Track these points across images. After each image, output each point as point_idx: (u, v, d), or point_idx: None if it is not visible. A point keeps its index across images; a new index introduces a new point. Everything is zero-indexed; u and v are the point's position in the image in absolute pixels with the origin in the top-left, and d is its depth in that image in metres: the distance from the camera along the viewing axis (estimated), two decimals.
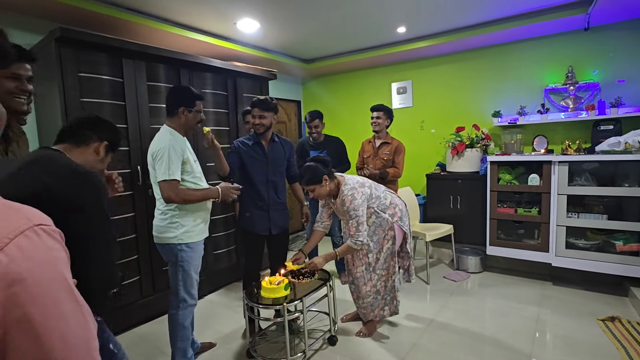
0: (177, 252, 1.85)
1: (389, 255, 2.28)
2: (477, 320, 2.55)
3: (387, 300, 2.35)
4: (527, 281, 3.18)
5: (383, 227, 2.25)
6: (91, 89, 2.38)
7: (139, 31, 2.85)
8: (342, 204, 2.16)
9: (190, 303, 1.93)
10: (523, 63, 3.60)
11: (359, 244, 2.12)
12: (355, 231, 2.10)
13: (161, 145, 1.80)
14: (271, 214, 2.38)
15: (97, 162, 1.20)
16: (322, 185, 2.13)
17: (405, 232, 2.31)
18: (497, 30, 3.30)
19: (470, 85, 3.93)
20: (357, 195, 2.14)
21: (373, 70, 4.56)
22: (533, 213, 3.16)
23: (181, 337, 1.94)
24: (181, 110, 1.90)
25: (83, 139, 1.17)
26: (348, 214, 2.12)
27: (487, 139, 3.63)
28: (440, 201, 3.81)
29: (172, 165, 1.77)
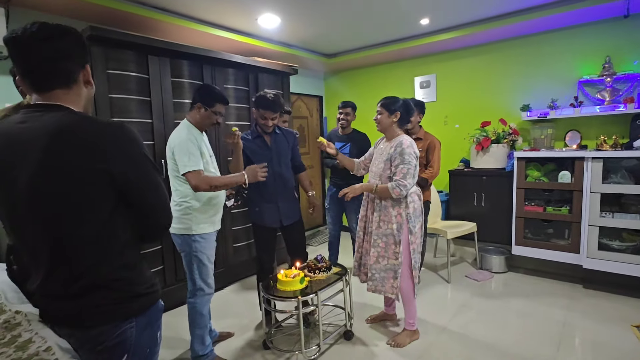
0: (191, 242, 1.92)
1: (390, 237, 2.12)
2: (499, 321, 2.46)
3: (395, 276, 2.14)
4: (555, 283, 3.03)
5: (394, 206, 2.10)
6: (119, 85, 2.48)
7: (164, 28, 2.94)
8: (396, 146, 2.04)
9: (207, 292, 1.99)
10: (555, 54, 3.42)
11: (396, 192, 1.98)
12: (402, 177, 1.97)
13: (179, 139, 1.86)
14: (280, 205, 2.36)
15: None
16: (391, 117, 2.09)
17: (411, 232, 2.08)
18: (526, 19, 3.14)
19: (497, 78, 3.77)
20: (414, 147, 2.06)
21: (395, 64, 4.48)
22: (563, 212, 3.00)
23: (199, 324, 2.00)
24: (198, 105, 1.95)
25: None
26: (401, 157, 1.99)
27: (514, 134, 3.48)
28: (464, 198, 3.70)
29: (192, 156, 1.82)
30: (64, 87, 0.92)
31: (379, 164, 2.15)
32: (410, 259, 2.11)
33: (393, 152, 2.05)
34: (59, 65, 0.90)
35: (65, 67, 0.91)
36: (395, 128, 2.13)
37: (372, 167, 2.23)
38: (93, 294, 0.91)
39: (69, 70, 0.92)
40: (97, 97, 2.37)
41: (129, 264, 0.97)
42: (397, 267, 2.10)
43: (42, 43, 0.87)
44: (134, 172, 0.93)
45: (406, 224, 2.08)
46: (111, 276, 0.93)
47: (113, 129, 0.91)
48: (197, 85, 2.85)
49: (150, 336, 1.03)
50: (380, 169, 2.14)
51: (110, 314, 0.93)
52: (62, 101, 0.91)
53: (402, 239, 2.08)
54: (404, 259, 2.10)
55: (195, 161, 1.82)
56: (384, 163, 2.11)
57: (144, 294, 0.99)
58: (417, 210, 2.14)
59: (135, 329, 0.97)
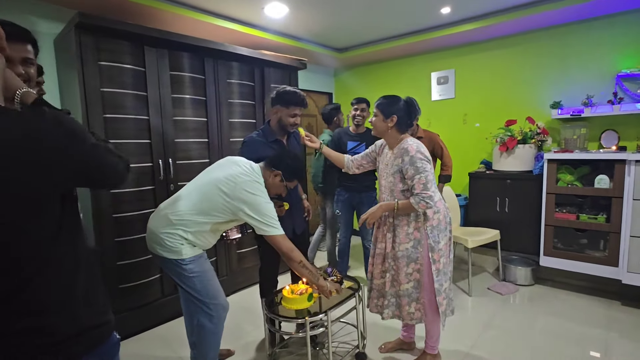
0: (183, 266, 1.72)
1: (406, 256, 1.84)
2: (527, 341, 2.20)
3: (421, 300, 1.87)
4: (589, 299, 2.75)
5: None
6: (112, 78, 2.27)
7: (162, 17, 2.72)
8: (402, 155, 1.77)
9: (219, 309, 1.80)
10: (590, 45, 3.11)
11: (422, 206, 1.71)
12: (423, 189, 1.70)
13: (258, 196, 1.69)
14: (293, 212, 2.18)
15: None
16: (386, 121, 1.81)
17: (432, 248, 1.79)
18: (558, 8, 2.84)
19: (524, 73, 3.47)
20: (423, 150, 1.77)
21: (411, 58, 4.20)
22: (599, 220, 2.71)
23: (214, 345, 1.81)
24: (276, 173, 1.80)
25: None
26: (413, 167, 1.72)
27: (543, 134, 3.19)
28: (485, 203, 3.42)
29: (277, 220, 1.71)
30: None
31: (388, 177, 1.87)
32: (434, 282, 1.80)
33: (401, 163, 1.78)
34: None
35: None
36: (394, 133, 1.84)
37: (380, 180, 1.95)
38: (16, 329, 0.72)
39: None
40: (88, 92, 2.17)
41: (69, 288, 0.77)
42: (410, 292, 1.83)
43: None
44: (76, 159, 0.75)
45: (426, 239, 1.80)
46: (42, 307, 0.74)
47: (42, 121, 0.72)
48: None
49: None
50: (390, 183, 1.86)
51: (41, 356, 0.74)
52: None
53: (420, 258, 1.81)
54: (425, 283, 1.81)
55: (279, 224, 1.68)
56: (393, 177, 1.83)
57: (88, 329, 0.80)
58: (442, 222, 1.83)
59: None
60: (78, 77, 2.13)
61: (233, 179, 1.65)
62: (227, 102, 2.94)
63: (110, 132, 2.27)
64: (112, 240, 2.30)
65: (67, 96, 2.40)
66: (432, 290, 1.82)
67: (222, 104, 2.89)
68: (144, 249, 2.17)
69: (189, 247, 1.67)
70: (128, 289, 2.39)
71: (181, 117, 2.64)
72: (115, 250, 2.32)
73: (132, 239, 2.38)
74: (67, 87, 2.35)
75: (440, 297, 1.81)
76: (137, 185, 2.41)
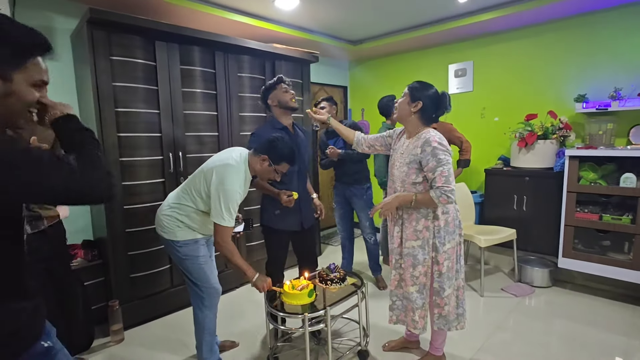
0: (177, 248, 1.84)
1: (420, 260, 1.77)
2: (542, 348, 2.10)
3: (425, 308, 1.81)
4: (611, 303, 2.60)
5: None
6: (123, 72, 2.32)
7: (173, 12, 2.75)
8: (423, 145, 1.67)
9: (211, 293, 1.90)
10: (618, 35, 2.90)
11: (443, 200, 1.61)
12: (445, 182, 1.60)
13: (231, 184, 1.72)
14: (302, 206, 2.17)
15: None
16: (410, 104, 1.72)
17: (437, 249, 1.72)
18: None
19: (546, 65, 3.29)
20: (445, 142, 1.67)
21: (428, 50, 4.07)
22: (624, 222, 2.55)
23: (208, 330, 1.88)
24: (264, 157, 1.80)
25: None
26: (435, 158, 1.63)
27: (566, 129, 3.02)
28: (502, 201, 3.29)
29: (232, 212, 1.73)
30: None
31: (401, 166, 1.77)
32: (433, 282, 1.75)
33: (421, 153, 1.67)
34: None
35: None
36: (415, 120, 1.74)
37: (392, 169, 1.85)
38: None
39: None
40: (100, 86, 2.22)
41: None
42: (414, 297, 1.76)
43: None
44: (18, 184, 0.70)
45: (432, 238, 1.74)
46: None
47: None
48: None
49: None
50: (403, 173, 1.75)
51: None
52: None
53: (428, 259, 1.75)
54: (429, 284, 1.77)
55: (231, 218, 1.70)
56: (407, 166, 1.73)
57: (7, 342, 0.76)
58: (451, 224, 1.74)
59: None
60: (91, 72, 2.19)
61: (214, 163, 1.76)
62: (238, 96, 2.95)
63: (122, 126, 2.33)
64: (122, 231, 2.37)
65: (82, 91, 2.48)
66: (431, 292, 1.77)
67: (233, 97, 2.90)
68: (154, 240, 2.24)
69: (185, 229, 1.79)
70: (138, 278, 2.46)
71: (191, 110, 2.67)
72: (126, 241, 2.39)
73: (143, 230, 2.44)
74: (82, 82, 2.42)
75: (439, 298, 1.75)
76: (148, 178, 2.46)
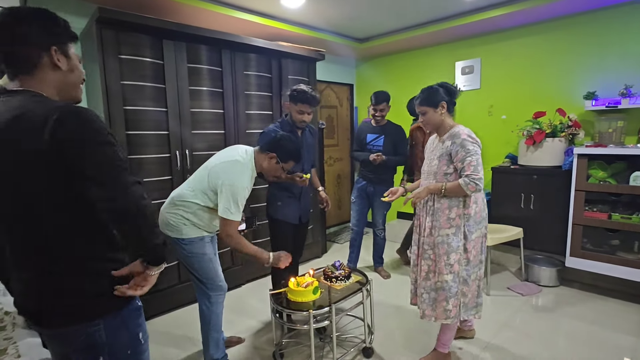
0: (182, 245, 1.85)
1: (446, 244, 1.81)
2: (548, 347, 2.09)
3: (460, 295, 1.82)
4: (619, 304, 2.57)
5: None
6: (132, 71, 2.35)
7: (180, 10, 2.77)
8: (452, 137, 1.76)
9: (218, 290, 1.90)
10: (629, 31, 2.85)
11: (472, 187, 1.67)
12: (474, 171, 1.68)
13: (238, 181, 1.75)
14: (302, 201, 2.31)
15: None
16: (437, 111, 1.81)
17: (466, 237, 1.77)
18: None
19: (555, 62, 3.25)
20: (473, 135, 1.76)
21: (435, 48, 4.04)
22: (634, 221, 2.52)
23: (215, 326, 1.89)
24: (271, 155, 1.83)
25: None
26: (464, 149, 1.71)
27: (575, 127, 2.98)
28: (508, 199, 3.26)
29: (239, 207, 1.74)
30: (25, 73, 0.89)
31: (432, 161, 1.88)
32: (459, 270, 1.79)
33: (451, 145, 1.76)
34: (13, 52, 0.87)
35: (19, 54, 0.87)
36: (446, 119, 1.84)
37: (424, 167, 1.97)
38: (49, 292, 0.88)
39: (25, 56, 0.88)
40: (109, 85, 2.25)
41: (91, 259, 0.91)
42: (448, 285, 1.77)
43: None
44: (82, 157, 0.84)
45: (462, 227, 1.78)
46: (68, 272, 0.88)
47: (65, 111, 0.83)
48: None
49: (129, 337, 0.97)
50: (434, 167, 1.85)
51: (69, 315, 0.88)
52: (28, 87, 0.88)
53: (462, 246, 1.78)
54: (456, 271, 1.80)
55: (239, 212, 1.72)
56: (438, 160, 1.82)
57: (110, 293, 0.91)
58: (478, 215, 1.80)
59: (104, 331, 0.91)
60: (100, 71, 2.22)
61: (220, 159, 1.78)
62: (244, 94, 2.96)
63: (130, 124, 2.36)
64: None
65: (91, 89, 2.51)
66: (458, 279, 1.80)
67: (239, 95, 2.92)
68: None
69: (191, 227, 1.79)
70: None
71: (198, 109, 2.69)
72: None
73: None
74: (91, 80, 2.45)
75: (465, 287, 1.79)
76: (156, 175, 2.50)
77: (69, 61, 0.93)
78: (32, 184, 0.83)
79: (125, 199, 0.86)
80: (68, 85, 0.94)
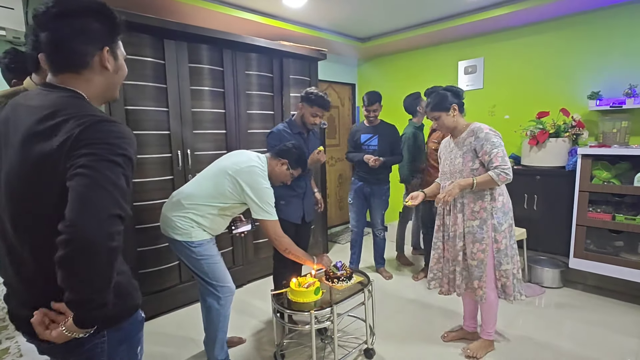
0: (192, 248, 1.85)
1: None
2: (551, 348, 2.07)
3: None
4: (623, 305, 2.55)
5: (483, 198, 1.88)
6: (133, 71, 2.34)
7: (181, 10, 2.76)
8: (475, 132, 1.86)
9: (227, 292, 1.90)
10: (634, 30, 2.82)
11: (502, 178, 1.75)
12: (502, 161, 1.77)
13: (258, 182, 1.82)
14: (305, 201, 2.35)
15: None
16: (449, 114, 1.90)
17: (496, 229, 1.86)
18: None
19: (559, 61, 3.22)
20: (494, 129, 1.87)
21: (437, 47, 4.02)
22: (638, 222, 2.49)
23: (222, 327, 1.89)
24: (284, 161, 1.93)
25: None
26: (489, 142, 1.80)
27: (578, 127, 2.95)
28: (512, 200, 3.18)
29: (272, 206, 1.84)
30: (72, 71, 0.83)
31: (454, 159, 1.95)
32: (494, 259, 1.89)
33: (474, 141, 1.86)
34: (64, 47, 0.81)
35: (72, 49, 0.81)
36: (459, 120, 1.94)
37: (443, 168, 2.02)
38: (52, 300, 0.79)
39: (78, 53, 0.82)
40: None
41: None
42: (473, 270, 1.90)
43: (51, 21, 0.79)
44: (85, 166, 0.73)
45: (491, 219, 1.86)
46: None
47: (96, 121, 0.77)
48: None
49: (129, 352, 0.92)
50: (459, 164, 1.92)
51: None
52: (71, 85, 0.83)
53: (486, 238, 1.87)
54: (489, 262, 1.89)
55: (274, 211, 1.81)
56: (463, 157, 1.90)
57: (115, 304, 0.82)
58: (506, 206, 1.90)
59: (107, 344, 0.86)
60: None
61: (238, 165, 1.81)
62: (246, 94, 2.96)
63: (132, 124, 2.35)
64: (132, 227, 2.40)
65: None
66: (492, 266, 1.89)
67: (241, 95, 2.91)
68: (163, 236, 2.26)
69: (200, 230, 1.79)
70: (147, 274, 2.49)
71: (199, 108, 2.69)
72: (135, 238, 2.42)
73: (151, 226, 2.47)
74: None
75: (498, 272, 1.88)
76: (157, 175, 2.49)
77: (116, 62, 0.89)
78: (43, 185, 0.77)
79: (92, 227, 0.69)
80: (111, 86, 0.90)
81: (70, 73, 0.83)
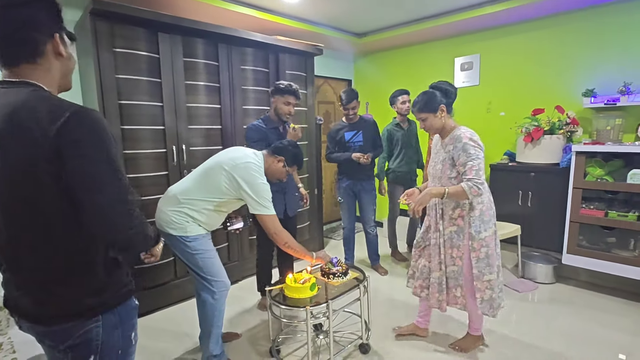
0: (187, 242, 1.85)
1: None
2: (543, 343, 2.10)
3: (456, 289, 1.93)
4: (616, 301, 2.58)
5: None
6: (127, 65, 2.31)
7: (176, 3, 2.72)
8: (455, 141, 1.77)
9: (222, 286, 1.90)
10: (629, 28, 2.83)
11: (474, 191, 1.68)
12: (475, 175, 1.69)
13: (254, 177, 1.81)
14: (287, 196, 2.40)
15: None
16: (437, 115, 1.82)
17: (473, 237, 1.81)
18: None
19: (554, 59, 3.24)
20: (476, 138, 1.76)
21: (434, 43, 4.02)
22: (630, 218, 2.52)
23: (217, 322, 1.88)
24: (280, 159, 1.96)
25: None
26: (465, 153, 1.72)
27: (573, 124, 2.97)
28: (506, 196, 3.26)
29: (270, 201, 1.84)
30: (30, 61, 0.83)
31: (436, 164, 1.91)
32: (472, 268, 1.83)
33: (452, 149, 1.78)
34: (19, 36, 0.81)
35: (26, 38, 0.81)
36: (447, 121, 1.85)
37: (430, 169, 1.99)
38: (50, 287, 0.85)
39: (31, 41, 0.82)
40: (103, 78, 2.22)
41: (90, 258, 0.88)
42: (455, 276, 1.89)
43: (1, 11, 0.79)
44: (79, 163, 0.79)
45: (467, 228, 1.82)
46: (69, 269, 0.86)
47: (73, 113, 0.79)
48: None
49: (123, 336, 0.95)
50: (438, 171, 1.88)
51: (69, 310, 0.86)
52: (30, 77, 0.83)
53: (462, 246, 1.84)
54: (465, 270, 1.86)
55: (271, 206, 1.81)
56: (442, 164, 1.86)
57: (110, 290, 0.91)
58: (486, 214, 1.81)
59: (102, 328, 0.89)
60: (94, 64, 2.18)
61: (234, 161, 1.80)
62: (241, 89, 2.93)
63: (125, 118, 2.33)
64: None
65: (85, 83, 2.47)
66: (470, 277, 1.86)
67: (236, 90, 2.89)
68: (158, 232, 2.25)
69: (195, 225, 1.78)
70: (142, 270, 2.47)
71: (194, 103, 2.66)
72: None
73: None
74: (85, 74, 2.41)
75: (481, 282, 1.82)
76: (151, 171, 2.47)
77: (66, 49, 0.90)
78: (30, 181, 0.79)
79: (110, 227, 0.84)
80: (67, 73, 0.92)
81: (27, 64, 0.83)
